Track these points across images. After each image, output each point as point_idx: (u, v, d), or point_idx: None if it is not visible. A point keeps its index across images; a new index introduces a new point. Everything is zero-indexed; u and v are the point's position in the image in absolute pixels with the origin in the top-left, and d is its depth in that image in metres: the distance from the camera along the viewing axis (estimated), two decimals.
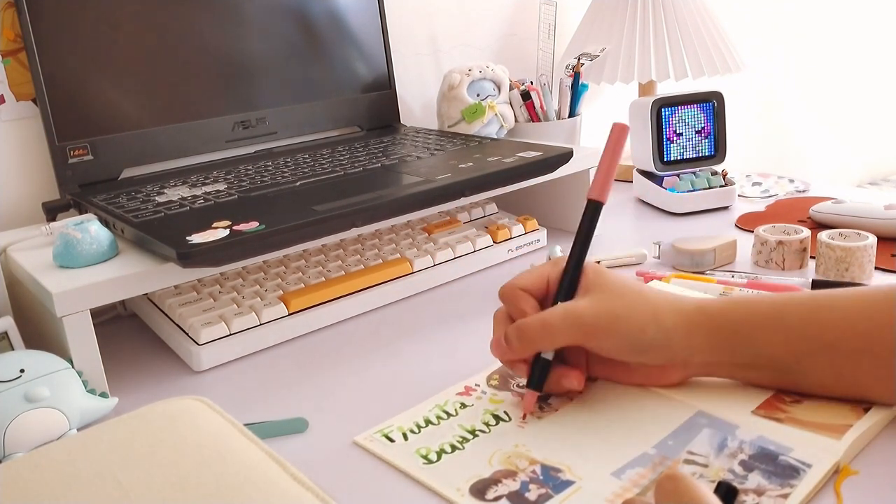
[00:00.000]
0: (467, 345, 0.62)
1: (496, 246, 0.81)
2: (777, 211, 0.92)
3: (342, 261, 0.74)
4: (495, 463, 0.46)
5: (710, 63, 1.05)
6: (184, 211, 0.66)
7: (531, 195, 0.89)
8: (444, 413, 0.52)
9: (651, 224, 0.91)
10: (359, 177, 0.74)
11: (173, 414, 0.39)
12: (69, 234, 0.59)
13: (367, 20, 0.97)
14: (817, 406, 0.48)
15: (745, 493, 0.41)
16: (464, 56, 1.13)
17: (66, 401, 0.52)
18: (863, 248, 0.68)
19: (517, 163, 0.75)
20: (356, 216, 0.64)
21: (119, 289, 0.57)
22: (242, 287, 0.69)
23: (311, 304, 0.67)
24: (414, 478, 0.45)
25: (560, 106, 1.03)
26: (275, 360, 0.63)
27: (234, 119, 0.86)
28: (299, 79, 0.91)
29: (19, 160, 0.77)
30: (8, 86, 0.75)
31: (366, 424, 0.51)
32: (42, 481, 0.35)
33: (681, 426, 0.48)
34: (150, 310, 0.69)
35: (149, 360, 0.65)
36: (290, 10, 0.90)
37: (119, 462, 0.36)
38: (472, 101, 0.97)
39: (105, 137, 0.78)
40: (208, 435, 0.38)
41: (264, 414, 0.54)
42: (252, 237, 0.58)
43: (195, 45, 0.84)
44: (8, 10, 0.74)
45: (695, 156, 0.95)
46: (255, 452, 0.37)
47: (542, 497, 0.42)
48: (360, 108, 0.97)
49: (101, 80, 0.78)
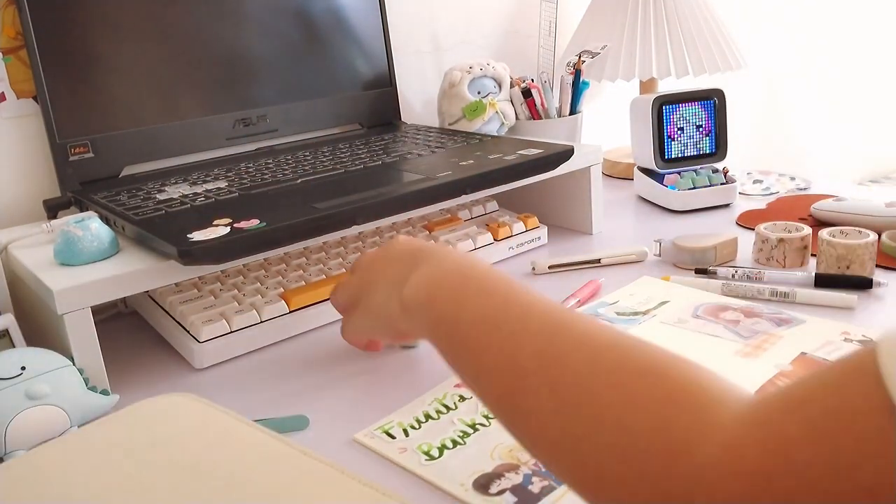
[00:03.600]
0: None
1: (497, 243, 0.81)
2: (778, 208, 0.92)
3: (343, 258, 0.74)
4: (497, 457, 0.46)
5: (711, 60, 1.05)
6: (185, 208, 0.66)
7: (532, 193, 0.89)
8: (444, 407, 0.52)
9: (652, 222, 0.91)
10: (360, 174, 0.74)
11: (164, 408, 0.39)
12: (70, 231, 0.59)
13: (367, 17, 0.97)
14: None
15: None
16: (465, 53, 1.13)
17: (67, 398, 0.52)
18: (864, 246, 0.68)
19: (518, 160, 0.75)
20: (357, 214, 0.64)
21: (120, 286, 0.57)
22: (243, 284, 0.69)
23: (311, 302, 0.67)
24: (416, 474, 0.45)
25: (561, 103, 1.03)
26: (275, 357, 0.63)
27: (235, 116, 0.86)
28: (300, 76, 0.91)
29: (20, 158, 0.77)
30: (9, 83, 0.75)
31: (366, 421, 0.51)
32: (44, 480, 0.34)
33: None
34: (151, 307, 0.69)
35: (150, 357, 0.65)
36: (290, 7, 0.90)
37: (123, 454, 0.36)
38: (472, 99, 0.97)
39: (106, 135, 0.78)
40: (206, 423, 0.38)
41: (265, 411, 0.54)
42: (253, 235, 0.58)
43: (196, 42, 0.84)
44: (9, 8, 0.74)
45: (696, 153, 0.95)
46: (257, 434, 0.37)
47: (546, 489, 0.42)
48: (360, 106, 0.97)
49: (101, 78, 0.78)
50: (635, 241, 0.83)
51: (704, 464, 0.28)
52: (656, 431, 0.30)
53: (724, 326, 0.60)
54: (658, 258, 0.78)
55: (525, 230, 0.83)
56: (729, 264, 0.75)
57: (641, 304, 0.66)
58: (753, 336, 0.58)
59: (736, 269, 0.71)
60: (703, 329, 0.60)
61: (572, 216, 0.89)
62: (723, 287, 0.68)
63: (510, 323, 0.39)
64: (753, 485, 0.26)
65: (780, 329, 0.59)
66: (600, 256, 0.77)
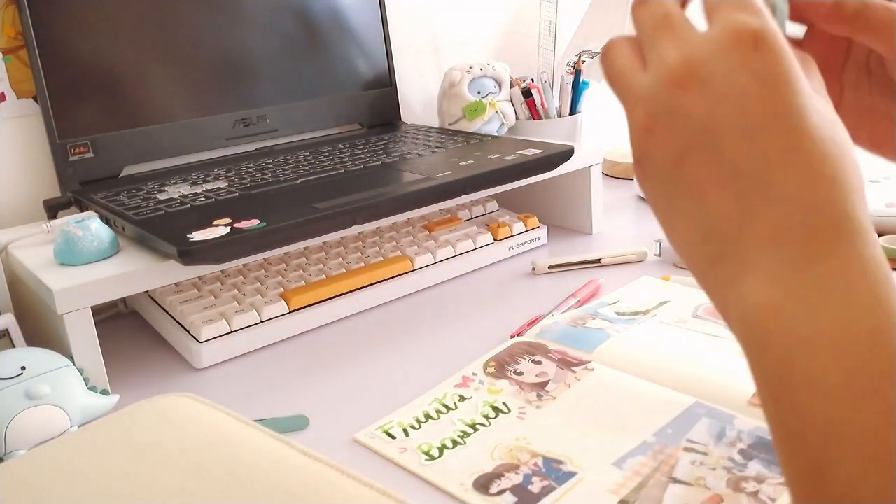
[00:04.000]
0: (468, 342, 0.62)
1: (497, 244, 0.81)
2: None
3: (343, 258, 0.74)
4: (497, 457, 0.46)
5: None
6: (185, 208, 0.66)
7: (532, 193, 0.89)
8: (444, 407, 0.52)
9: (652, 222, 0.91)
10: (360, 174, 0.74)
11: (164, 408, 0.39)
12: (70, 231, 0.59)
13: (367, 17, 0.97)
14: None
15: (745, 480, 0.42)
16: (465, 54, 1.13)
17: (66, 398, 0.52)
18: None
19: (518, 160, 0.75)
20: (357, 214, 0.64)
21: (120, 286, 0.57)
22: (243, 284, 0.69)
23: (311, 302, 0.67)
24: (416, 474, 0.45)
25: (561, 103, 1.03)
26: (276, 357, 0.63)
27: (235, 116, 0.86)
28: (300, 76, 0.91)
29: (20, 158, 0.77)
30: (9, 83, 0.75)
31: (366, 421, 0.51)
32: (44, 480, 0.34)
33: (679, 416, 0.48)
34: (151, 307, 0.69)
35: (150, 357, 0.65)
36: (290, 7, 0.90)
37: (124, 454, 0.35)
38: (472, 99, 0.97)
39: (106, 135, 0.78)
40: (207, 424, 0.38)
41: (265, 411, 0.54)
42: (253, 235, 0.58)
43: (196, 42, 0.84)
44: (9, 8, 0.74)
45: None
46: (259, 435, 0.36)
47: (546, 489, 0.42)
48: (360, 106, 0.97)
49: (101, 78, 0.77)
50: (635, 241, 0.83)
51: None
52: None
53: (724, 326, 0.60)
54: (658, 258, 0.78)
55: (525, 230, 0.83)
56: None
57: (641, 304, 0.66)
58: None
59: None
60: (703, 329, 0.60)
61: (572, 216, 0.89)
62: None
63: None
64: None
65: None
66: (600, 256, 0.77)
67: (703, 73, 0.27)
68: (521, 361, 0.57)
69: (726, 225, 0.27)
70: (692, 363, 0.54)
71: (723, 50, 0.27)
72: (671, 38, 0.29)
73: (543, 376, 0.55)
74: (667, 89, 0.28)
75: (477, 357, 0.58)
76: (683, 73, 0.28)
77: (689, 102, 0.28)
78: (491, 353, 0.58)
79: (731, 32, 0.27)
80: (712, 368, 0.53)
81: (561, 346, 0.58)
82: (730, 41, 0.27)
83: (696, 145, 0.28)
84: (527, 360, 0.57)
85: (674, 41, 0.29)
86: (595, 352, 0.57)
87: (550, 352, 0.58)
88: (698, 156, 0.28)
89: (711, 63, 0.27)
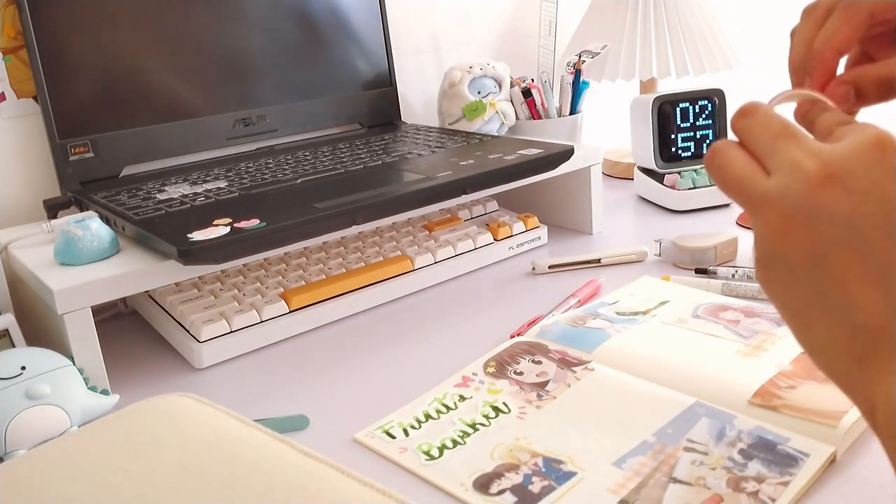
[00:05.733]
0: (468, 342, 0.62)
1: (497, 243, 0.81)
2: None
3: (343, 258, 0.74)
4: (497, 457, 0.46)
5: (711, 60, 1.05)
6: (185, 208, 0.66)
7: (532, 192, 0.89)
8: (444, 407, 0.52)
9: (652, 222, 0.91)
10: (360, 174, 0.74)
11: (164, 408, 0.39)
12: (70, 231, 0.59)
13: (367, 17, 0.97)
14: (812, 391, 0.48)
15: (745, 480, 0.42)
16: (465, 53, 1.13)
17: (67, 398, 0.52)
18: None
19: (518, 160, 0.75)
20: (357, 214, 0.64)
21: (120, 286, 0.57)
22: (243, 284, 0.69)
23: (311, 302, 0.67)
24: (416, 474, 0.45)
25: (561, 103, 1.03)
26: (276, 357, 0.63)
27: (235, 116, 0.86)
28: (300, 76, 0.91)
29: (20, 158, 0.77)
30: (9, 83, 0.75)
31: (366, 421, 0.51)
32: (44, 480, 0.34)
33: (679, 415, 0.48)
34: (151, 307, 0.69)
35: (150, 357, 0.65)
36: (291, 7, 0.90)
37: (124, 454, 0.35)
38: (472, 99, 0.97)
39: (106, 135, 0.78)
40: (207, 423, 0.38)
41: (265, 411, 0.54)
42: (253, 234, 0.58)
43: (196, 42, 0.84)
44: (9, 8, 0.74)
45: (696, 153, 0.95)
46: (258, 435, 0.36)
47: (546, 489, 0.42)
48: (360, 106, 0.97)
49: (101, 78, 0.77)
50: (635, 240, 0.83)
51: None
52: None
53: (724, 326, 0.60)
54: (658, 258, 0.78)
55: (525, 230, 0.83)
56: (729, 264, 0.75)
57: (641, 303, 0.66)
58: (753, 336, 0.58)
59: (736, 268, 0.71)
60: (703, 329, 0.60)
61: (572, 216, 0.89)
62: (723, 287, 0.68)
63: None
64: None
65: (781, 329, 0.59)
66: (600, 256, 0.77)
67: (844, 174, 0.29)
68: (521, 361, 0.57)
69: (875, 322, 0.28)
70: (692, 363, 0.54)
71: (862, 154, 0.29)
72: (798, 145, 0.31)
73: (543, 376, 0.55)
74: (807, 189, 0.29)
75: (477, 357, 0.58)
76: (823, 174, 0.29)
77: (832, 200, 0.29)
78: (491, 352, 0.58)
79: (872, 137, 0.29)
80: (712, 368, 0.53)
81: (561, 345, 0.58)
82: (870, 146, 0.29)
83: (841, 242, 0.28)
84: (527, 360, 0.57)
85: (803, 148, 0.30)
86: (595, 352, 0.57)
87: (550, 352, 0.58)
88: (842, 252, 0.28)
89: (852, 165, 0.29)
